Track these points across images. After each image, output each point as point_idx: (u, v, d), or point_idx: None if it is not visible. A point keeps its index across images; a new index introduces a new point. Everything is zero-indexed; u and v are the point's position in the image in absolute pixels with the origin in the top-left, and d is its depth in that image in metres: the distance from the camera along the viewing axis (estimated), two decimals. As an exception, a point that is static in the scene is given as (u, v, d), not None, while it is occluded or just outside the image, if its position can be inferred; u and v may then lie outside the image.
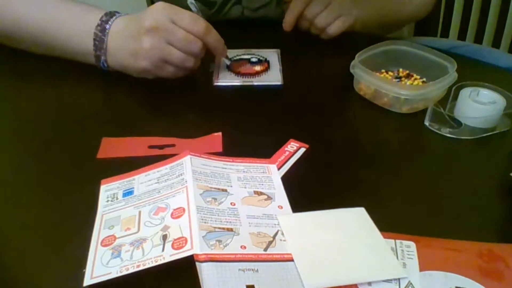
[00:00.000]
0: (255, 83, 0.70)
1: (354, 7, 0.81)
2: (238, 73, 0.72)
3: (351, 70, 0.67)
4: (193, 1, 0.69)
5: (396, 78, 0.70)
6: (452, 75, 0.65)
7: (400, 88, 0.63)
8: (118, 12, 0.68)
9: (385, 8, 0.88)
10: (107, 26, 0.65)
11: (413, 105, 0.64)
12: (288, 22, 0.82)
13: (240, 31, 0.87)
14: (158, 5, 0.63)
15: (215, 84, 0.70)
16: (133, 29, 0.64)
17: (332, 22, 0.80)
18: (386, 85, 0.64)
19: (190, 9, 0.67)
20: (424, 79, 0.70)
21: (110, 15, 0.66)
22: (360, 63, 0.66)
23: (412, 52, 0.71)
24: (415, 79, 0.70)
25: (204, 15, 0.67)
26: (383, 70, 0.71)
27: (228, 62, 0.73)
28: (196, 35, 0.63)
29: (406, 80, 0.70)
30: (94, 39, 0.66)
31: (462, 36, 1.21)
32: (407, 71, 0.72)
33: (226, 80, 0.70)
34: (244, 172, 0.52)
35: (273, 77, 0.72)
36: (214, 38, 0.65)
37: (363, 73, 0.66)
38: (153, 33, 0.62)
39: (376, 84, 0.64)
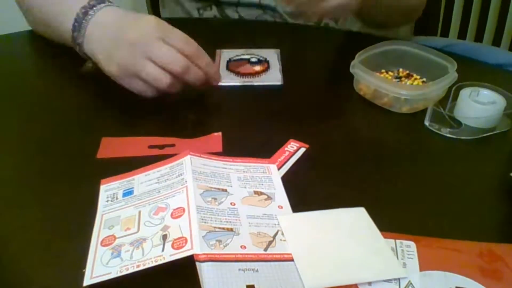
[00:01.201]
0: (255, 83, 0.70)
1: None
2: (238, 73, 0.72)
3: (351, 70, 0.67)
4: None
5: (396, 78, 0.70)
6: (452, 75, 0.65)
7: (400, 88, 0.63)
8: (107, 0, 0.65)
9: None
10: (91, 12, 0.63)
11: (413, 105, 0.64)
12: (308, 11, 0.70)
13: (240, 31, 0.87)
14: (151, 20, 0.60)
15: (215, 84, 0.70)
16: (116, 32, 0.61)
17: None
18: (386, 85, 0.64)
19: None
20: (424, 79, 0.70)
21: (99, 1, 0.64)
22: (360, 63, 0.66)
23: (412, 52, 0.71)
24: (415, 79, 0.70)
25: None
26: (383, 70, 0.71)
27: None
28: (187, 55, 0.59)
29: (406, 80, 0.70)
30: (75, 19, 0.63)
31: (462, 35, 1.21)
32: (407, 71, 0.72)
33: (226, 80, 0.70)
34: (244, 172, 0.52)
35: (273, 77, 0.72)
36: (205, 61, 0.61)
37: (363, 73, 0.65)
38: (134, 47, 0.58)
39: (376, 84, 0.64)
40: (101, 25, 0.63)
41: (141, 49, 0.58)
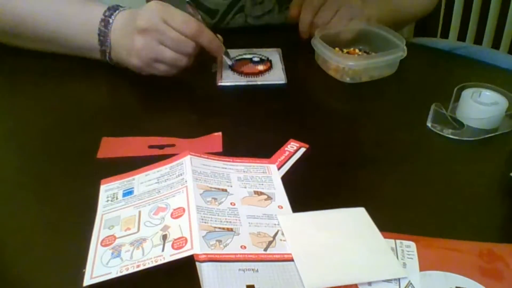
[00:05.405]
0: (259, 83, 0.70)
1: (365, 7, 0.79)
2: (241, 73, 0.72)
3: (312, 42, 0.74)
4: (190, 1, 0.69)
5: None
6: (399, 50, 0.70)
7: (344, 59, 0.70)
8: (120, 6, 0.68)
9: (398, 4, 0.87)
10: (110, 21, 0.66)
11: (355, 76, 0.70)
12: (303, 31, 0.80)
13: (239, 31, 0.87)
14: (151, 4, 0.64)
15: (219, 84, 0.70)
16: (129, 27, 0.65)
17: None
18: (332, 55, 0.70)
19: (183, 9, 0.66)
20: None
21: (113, 9, 0.67)
22: (320, 39, 0.72)
23: (371, 31, 0.76)
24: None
25: (207, 24, 0.66)
26: (337, 48, 0.75)
27: (229, 62, 0.73)
28: (188, 36, 0.63)
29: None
30: (99, 34, 0.67)
31: (462, 36, 1.21)
32: (357, 49, 0.77)
33: (230, 80, 0.70)
34: (244, 172, 0.52)
35: (277, 76, 0.72)
36: (207, 38, 0.65)
37: (320, 46, 0.72)
38: (145, 33, 0.63)
39: (326, 54, 0.71)
40: (118, 27, 0.67)
41: (152, 34, 0.63)
